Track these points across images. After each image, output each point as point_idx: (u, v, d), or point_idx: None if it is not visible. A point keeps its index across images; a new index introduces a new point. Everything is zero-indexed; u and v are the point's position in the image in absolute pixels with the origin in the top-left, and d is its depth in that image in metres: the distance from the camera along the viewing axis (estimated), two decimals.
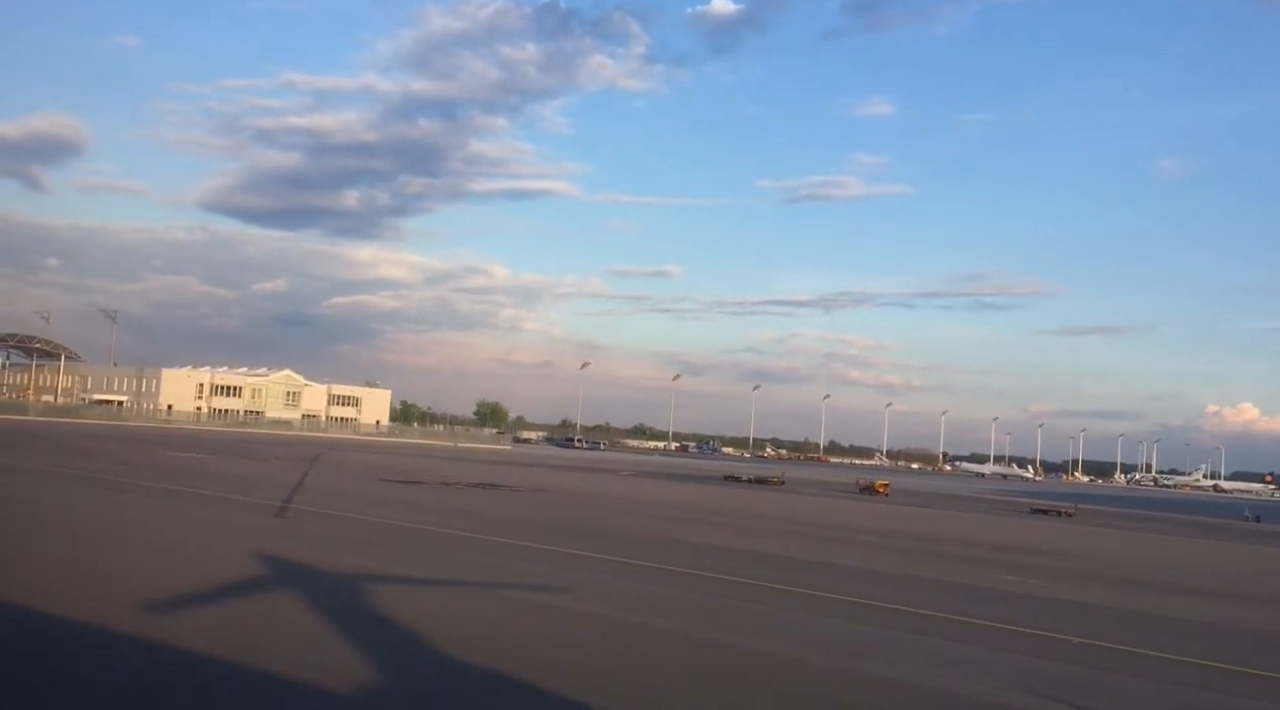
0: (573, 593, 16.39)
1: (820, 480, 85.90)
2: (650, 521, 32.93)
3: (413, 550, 20.60)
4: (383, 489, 38.00)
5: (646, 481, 62.43)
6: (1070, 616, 18.37)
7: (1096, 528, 52.80)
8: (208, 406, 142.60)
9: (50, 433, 71.02)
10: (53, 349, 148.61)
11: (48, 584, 13.63)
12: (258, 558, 17.08)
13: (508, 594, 16.08)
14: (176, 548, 18.59)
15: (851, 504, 54.77)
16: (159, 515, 24.13)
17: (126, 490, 29.08)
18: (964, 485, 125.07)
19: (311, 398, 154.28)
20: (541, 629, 13.28)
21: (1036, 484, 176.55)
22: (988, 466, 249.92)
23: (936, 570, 24.47)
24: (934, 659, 13.41)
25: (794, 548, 27.49)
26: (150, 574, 15.09)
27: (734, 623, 14.98)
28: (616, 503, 41.32)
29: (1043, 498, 76.35)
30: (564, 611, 14.69)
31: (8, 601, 12.26)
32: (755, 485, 66.00)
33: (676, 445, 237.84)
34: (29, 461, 38.88)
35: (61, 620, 11.55)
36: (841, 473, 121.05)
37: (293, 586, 14.70)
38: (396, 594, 14.79)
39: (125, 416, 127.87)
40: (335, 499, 31.02)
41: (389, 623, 12.64)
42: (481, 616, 13.96)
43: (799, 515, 42.60)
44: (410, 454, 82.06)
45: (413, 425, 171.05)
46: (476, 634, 12.58)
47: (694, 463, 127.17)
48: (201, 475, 37.81)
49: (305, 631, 11.95)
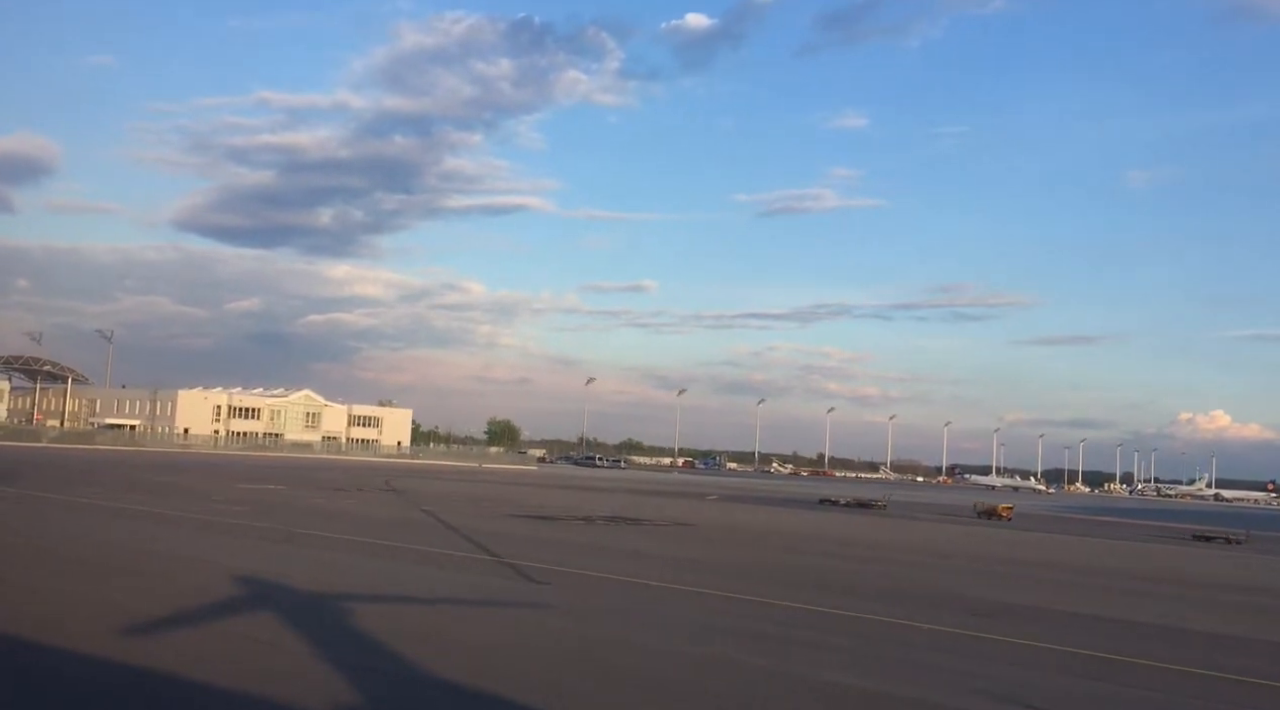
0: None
1: (917, 502, 79.97)
2: (866, 565, 27.80)
3: (743, 628, 15.37)
4: (529, 528, 32.69)
5: (756, 509, 57.11)
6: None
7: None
8: (225, 429, 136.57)
9: (79, 462, 65.32)
10: (60, 371, 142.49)
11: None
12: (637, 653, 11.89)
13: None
14: (501, 650, 13.34)
15: (997, 532, 49.57)
16: (416, 586, 18.81)
17: (302, 543, 23.70)
18: (1026, 502, 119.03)
19: (331, 419, 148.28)
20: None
21: (1049, 497, 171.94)
22: (997, 479, 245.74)
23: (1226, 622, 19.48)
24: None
25: (1066, 598, 22.41)
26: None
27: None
28: (782, 538, 36.13)
29: (1107, 513, 71.17)
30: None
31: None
32: (859, 510, 60.90)
33: (683, 461, 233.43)
34: (108, 499, 33.39)
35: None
36: (869, 489, 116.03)
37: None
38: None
39: (140, 441, 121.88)
40: (519, 545, 25.72)
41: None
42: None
43: (983, 550, 37.50)
44: (464, 479, 76.58)
45: (428, 446, 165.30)
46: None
47: (749, 483, 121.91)
48: (325, 517, 32.39)
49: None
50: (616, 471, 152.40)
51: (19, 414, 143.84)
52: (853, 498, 67.85)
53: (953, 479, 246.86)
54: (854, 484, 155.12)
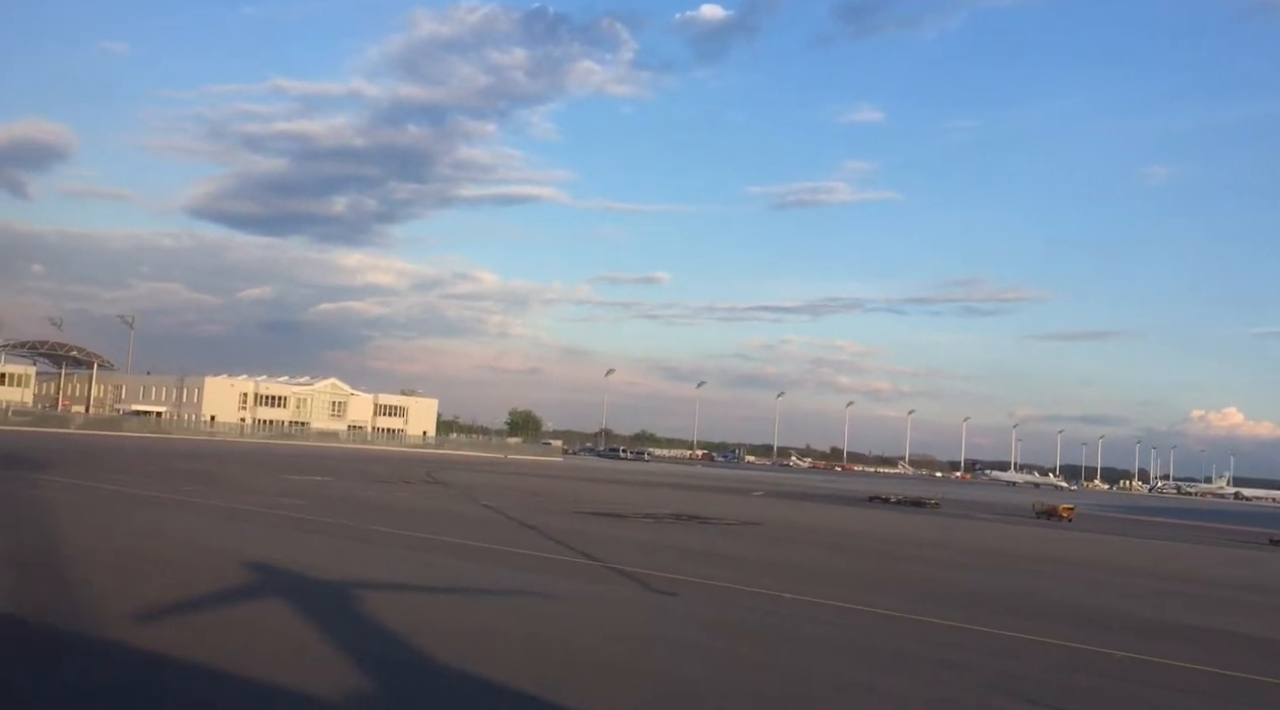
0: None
1: (966, 501, 77.69)
2: (983, 575, 26.21)
3: (923, 654, 13.82)
4: (603, 526, 31.18)
5: (812, 507, 55.47)
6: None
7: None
8: (251, 417, 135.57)
9: (114, 449, 64.21)
10: (85, 357, 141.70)
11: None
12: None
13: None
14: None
15: (1070, 535, 47.75)
16: (552, 598, 17.33)
17: (387, 543, 22.26)
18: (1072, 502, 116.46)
19: (357, 408, 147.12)
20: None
21: (1072, 493, 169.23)
22: (1018, 475, 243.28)
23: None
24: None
25: (1218, 615, 20.78)
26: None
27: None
28: (865, 540, 34.54)
29: (1128, 510, 69.13)
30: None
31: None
32: (913, 508, 59.17)
33: (702, 454, 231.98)
34: (164, 490, 32.03)
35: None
36: (911, 486, 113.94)
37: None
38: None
39: (167, 428, 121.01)
40: (610, 547, 24.18)
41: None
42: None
43: (1080, 555, 35.83)
44: (500, 471, 75.20)
45: (450, 436, 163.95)
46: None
47: (777, 477, 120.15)
48: (390, 512, 30.98)
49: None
50: (640, 464, 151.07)
51: (44, 399, 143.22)
52: (902, 495, 66.09)
53: (971, 475, 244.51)
54: (889, 480, 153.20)
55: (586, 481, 65.63)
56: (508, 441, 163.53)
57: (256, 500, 31.00)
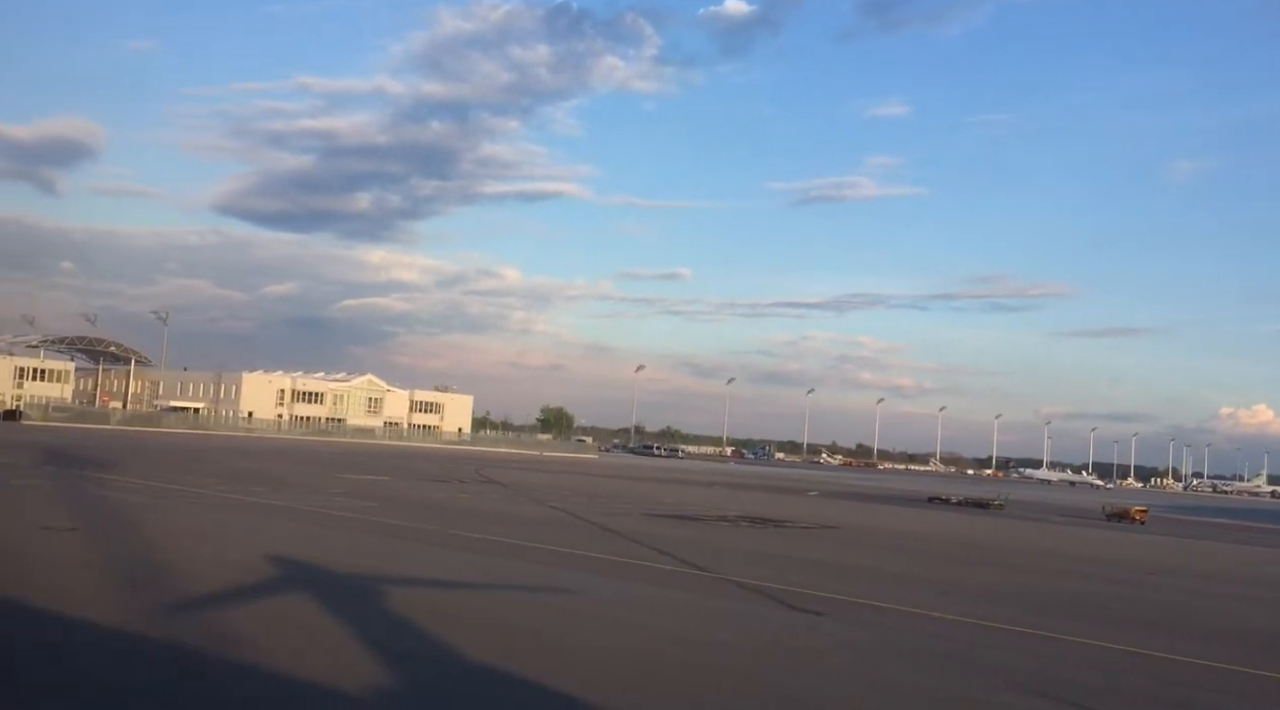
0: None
1: (1027, 501, 75.28)
2: (1111, 587, 24.79)
3: (1127, 687, 12.50)
4: (686, 531, 29.99)
5: (876, 509, 54.01)
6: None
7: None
8: (289, 414, 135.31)
9: (163, 447, 63.67)
10: (124, 353, 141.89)
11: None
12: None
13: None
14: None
15: (1154, 539, 46.20)
16: (702, 621, 16.13)
17: (478, 550, 21.16)
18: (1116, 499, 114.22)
19: (393, 404, 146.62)
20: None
21: (1109, 492, 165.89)
22: (1053, 473, 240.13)
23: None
24: None
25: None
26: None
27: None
28: (956, 547, 33.16)
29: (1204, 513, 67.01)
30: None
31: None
32: (977, 510, 57.59)
33: (732, 451, 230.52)
34: (231, 491, 31.10)
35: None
36: (937, 483, 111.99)
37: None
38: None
39: (205, 424, 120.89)
40: (708, 555, 22.97)
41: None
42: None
43: (1183, 563, 34.34)
44: (546, 469, 74.19)
45: (483, 433, 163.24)
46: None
47: (813, 475, 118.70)
48: (462, 514, 29.93)
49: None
50: (676, 461, 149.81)
51: (81, 395, 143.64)
52: (963, 496, 64.47)
53: (1003, 473, 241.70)
54: (929, 479, 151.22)
55: (636, 481, 64.52)
56: (538, 438, 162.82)
57: (330, 503, 30.02)
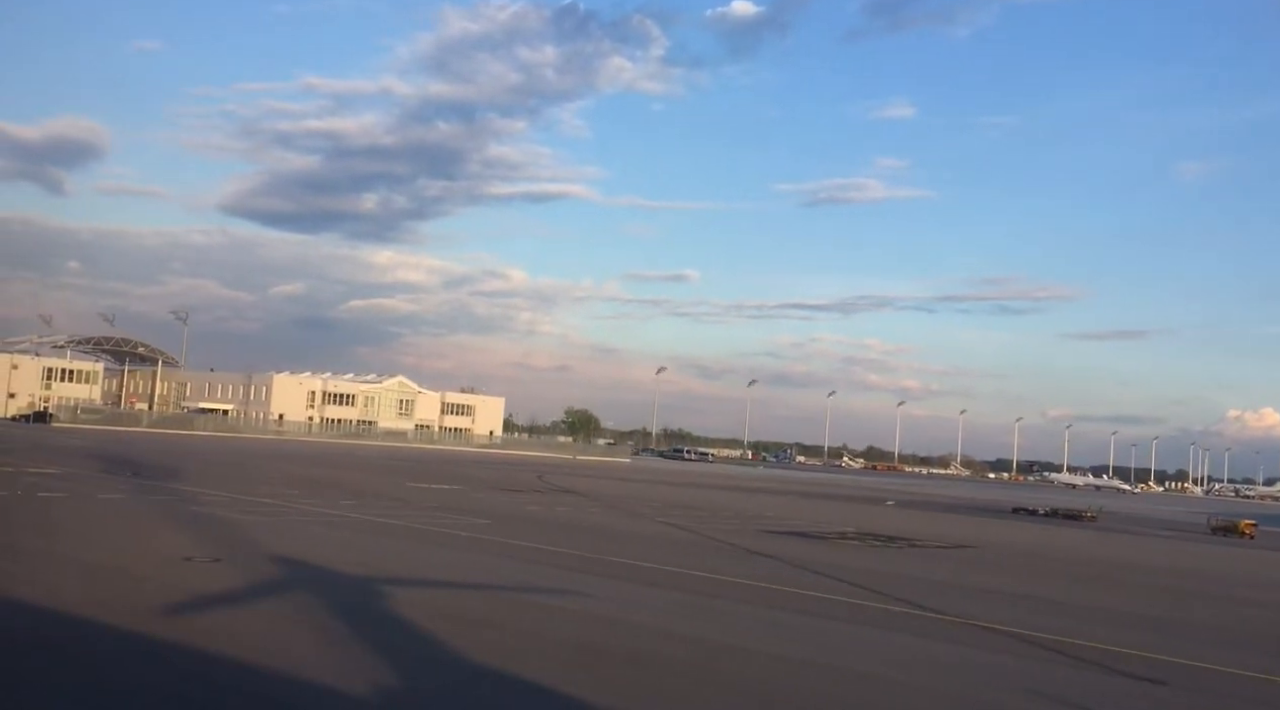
0: None
1: (1119, 512, 71.01)
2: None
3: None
4: (820, 552, 27.09)
5: (974, 522, 50.94)
6: None
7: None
8: (319, 416, 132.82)
9: (207, 451, 61.08)
10: (151, 354, 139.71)
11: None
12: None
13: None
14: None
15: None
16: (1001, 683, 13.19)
17: (646, 581, 18.29)
18: (1172, 508, 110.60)
19: (424, 406, 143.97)
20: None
21: (1135, 497, 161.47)
22: (1079, 477, 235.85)
23: None
24: None
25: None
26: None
27: None
28: (1114, 569, 30.23)
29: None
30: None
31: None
32: (1069, 522, 54.45)
33: (752, 453, 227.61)
34: (319, 504, 28.32)
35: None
36: (977, 488, 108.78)
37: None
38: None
39: (237, 427, 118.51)
40: (916, 589, 20.07)
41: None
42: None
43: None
44: (601, 475, 71.33)
45: (511, 435, 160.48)
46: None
47: (848, 480, 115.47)
48: (577, 532, 27.13)
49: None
50: (708, 465, 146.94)
51: (107, 396, 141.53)
52: (1049, 506, 61.27)
53: (1023, 477, 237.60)
54: (958, 483, 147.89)
55: (700, 488, 61.62)
56: (558, 440, 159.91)
57: (435, 519, 27.25)
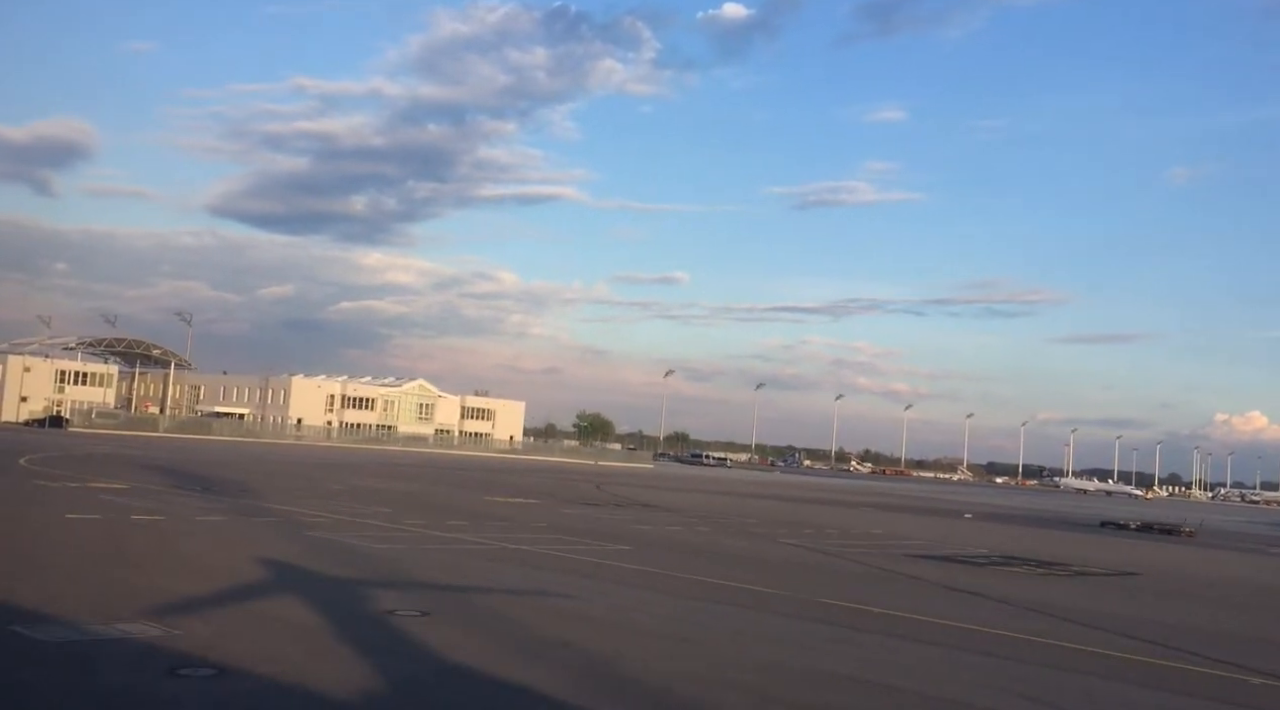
0: None
1: (1223, 528, 67.79)
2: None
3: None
4: (1009, 583, 23.99)
5: (1076, 539, 47.95)
6: None
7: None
8: (338, 420, 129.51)
9: (239, 459, 57.95)
10: (165, 356, 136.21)
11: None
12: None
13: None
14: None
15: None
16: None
17: (907, 634, 15.16)
18: (1227, 517, 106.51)
19: (444, 410, 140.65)
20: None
21: (1149, 503, 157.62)
22: (1089, 482, 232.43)
23: None
24: None
25: None
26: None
27: None
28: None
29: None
30: None
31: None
32: (1163, 537, 51.30)
33: (760, 458, 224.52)
34: (426, 525, 25.16)
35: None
36: (1013, 496, 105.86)
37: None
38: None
39: (255, 431, 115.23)
40: (1179, 637, 16.95)
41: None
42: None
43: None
44: (652, 484, 68.15)
45: (530, 440, 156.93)
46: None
47: (870, 486, 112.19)
48: (739, 563, 23.99)
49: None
50: (727, 471, 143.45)
51: (118, 400, 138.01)
52: (1140, 520, 58.00)
53: (1031, 482, 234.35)
54: (978, 489, 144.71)
55: (761, 498, 58.60)
56: (564, 444, 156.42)
57: (564, 544, 24.09)
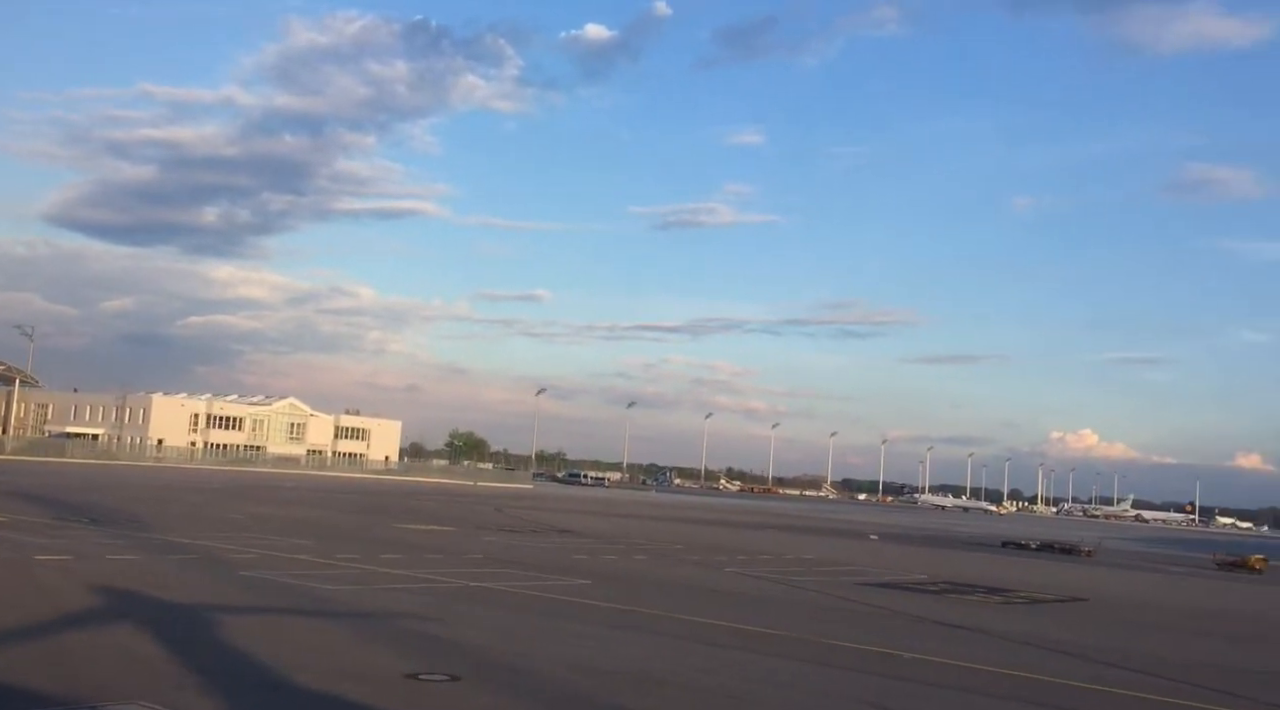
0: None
1: (1119, 548, 69.12)
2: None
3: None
4: (971, 612, 23.46)
5: (975, 556, 48.39)
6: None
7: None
8: (203, 441, 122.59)
9: (99, 483, 53.58)
10: (9, 373, 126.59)
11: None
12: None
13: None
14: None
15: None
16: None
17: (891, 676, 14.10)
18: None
19: (316, 429, 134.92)
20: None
21: (1001, 518, 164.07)
22: (946, 499, 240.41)
23: None
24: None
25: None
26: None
27: None
28: (1245, 626, 27.49)
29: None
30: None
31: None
32: (1066, 557, 52.28)
33: (629, 477, 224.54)
34: (348, 556, 23.08)
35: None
36: (888, 513, 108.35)
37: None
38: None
39: (111, 453, 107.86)
40: (1173, 669, 16.48)
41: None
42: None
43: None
44: (554, 508, 66.09)
45: (405, 461, 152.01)
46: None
47: (754, 506, 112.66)
48: (701, 597, 22.73)
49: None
50: (603, 491, 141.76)
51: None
52: (1040, 540, 58.98)
53: (892, 499, 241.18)
54: (852, 507, 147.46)
55: (682, 522, 57.38)
56: (434, 464, 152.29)
57: (520, 581, 22.36)
